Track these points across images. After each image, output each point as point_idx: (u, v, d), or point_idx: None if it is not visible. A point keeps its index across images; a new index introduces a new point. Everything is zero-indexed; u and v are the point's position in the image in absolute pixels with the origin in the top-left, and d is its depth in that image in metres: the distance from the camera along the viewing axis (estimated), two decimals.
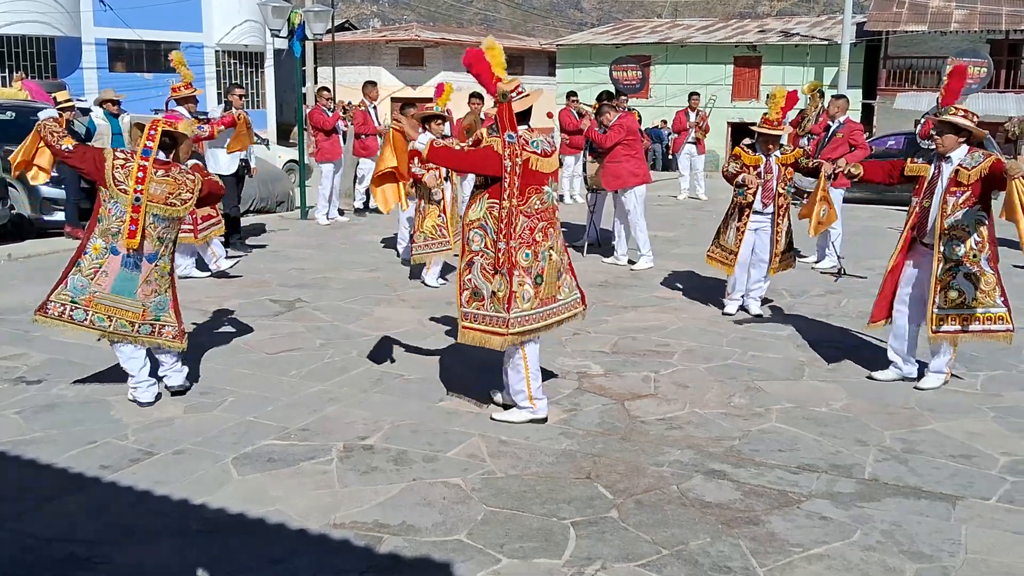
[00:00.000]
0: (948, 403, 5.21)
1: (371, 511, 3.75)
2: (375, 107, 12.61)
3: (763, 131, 6.82)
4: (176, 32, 27.01)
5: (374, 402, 5.08)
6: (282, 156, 17.18)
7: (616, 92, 12.06)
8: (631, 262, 9.31)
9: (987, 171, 5.04)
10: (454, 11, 65.24)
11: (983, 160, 5.10)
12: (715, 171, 9.75)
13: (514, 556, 3.41)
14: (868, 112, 26.88)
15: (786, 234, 6.99)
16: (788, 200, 6.96)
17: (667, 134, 22.31)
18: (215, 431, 4.59)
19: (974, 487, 4.07)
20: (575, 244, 9.77)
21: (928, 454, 4.45)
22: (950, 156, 5.22)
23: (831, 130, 9.29)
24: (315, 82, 26.87)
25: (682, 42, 30.48)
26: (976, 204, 5.17)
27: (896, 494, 3.99)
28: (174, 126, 4.92)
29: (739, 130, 25.84)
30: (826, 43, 28.38)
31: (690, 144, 15.58)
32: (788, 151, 6.95)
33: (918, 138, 10.92)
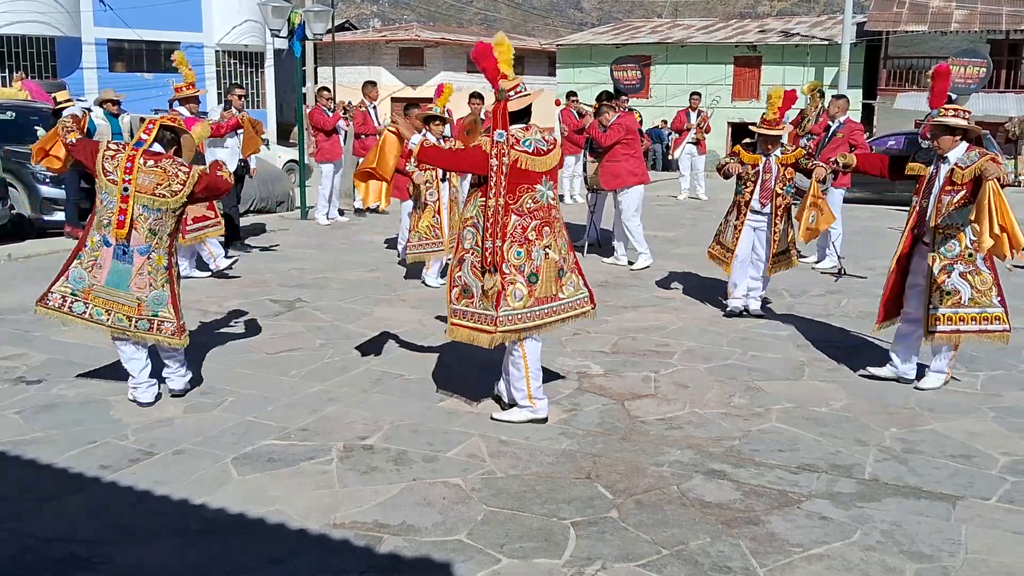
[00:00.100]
0: (948, 403, 5.21)
1: (371, 511, 3.75)
2: (375, 107, 12.63)
3: (761, 132, 6.83)
4: (176, 32, 27.01)
5: (374, 402, 5.09)
6: (282, 156, 17.18)
7: (617, 92, 12.07)
8: (631, 262, 9.31)
9: (979, 170, 5.05)
10: (454, 11, 65.25)
11: (977, 160, 5.11)
12: (715, 171, 9.72)
13: (514, 556, 3.41)
14: (868, 112, 26.90)
15: (784, 235, 6.99)
16: (787, 201, 6.95)
17: (667, 134, 22.31)
18: (215, 431, 4.59)
19: (974, 487, 4.07)
20: (575, 244, 9.74)
21: (928, 454, 4.45)
22: (947, 156, 5.24)
23: (831, 130, 9.29)
24: (315, 82, 26.87)
25: (682, 42, 30.49)
26: (971, 204, 5.18)
27: (896, 494, 3.99)
28: (178, 122, 4.96)
29: (739, 130, 25.86)
30: (826, 43, 28.39)
31: (690, 144, 15.60)
32: (789, 151, 6.95)
33: (919, 138, 10.93)
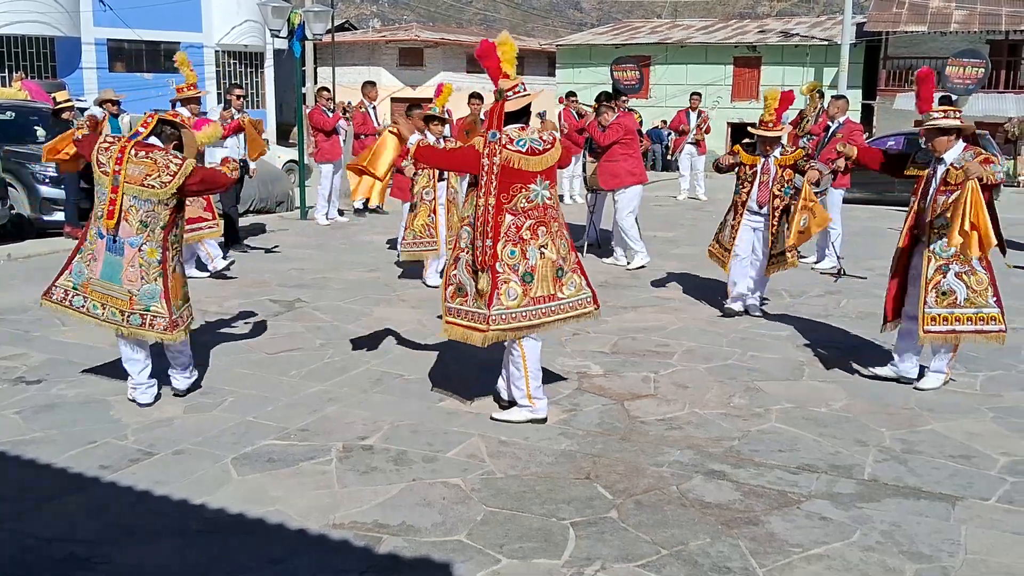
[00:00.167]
0: (948, 403, 5.21)
1: (371, 511, 3.75)
2: (374, 107, 12.64)
3: (760, 134, 6.84)
4: (176, 32, 27.02)
5: (374, 402, 5.09)
6: (282, 156, 17.17)
7: (616, 92, 12.07)
8: (629, 262, 9.30)
9: (965, 170, 5.07)
10: (454, 11, 65.27)
11: (972, 159, 5.12)
12: (715, 171, 9.71)
13: (514, 556, 3.41)
14: (868, 112, 26.92)
15: (781, 236, 6.98)
16: (785, 202, 6.93)
17: (667, 134, 22.33)
18: (215, 431, 4.59)
19: (973, 487, 4.08)
20: (575, 244, 9.75)
21: (928, 454, 4.46)
22: (943, 157, 5.24)
23: (831, 130, 9.29)
24: (315, 82, 26.85)
25: (682, 42, 30.51)
26: None
27: (896, 494, 3.99)
28: (182, 120, 5.01)
29: (739, 130, 25.86)
30: (826, 43, 28.41)
31: (690, 145, 15.61)
32: (789, 152, 6.95)
33: (919, 137, 10.94)
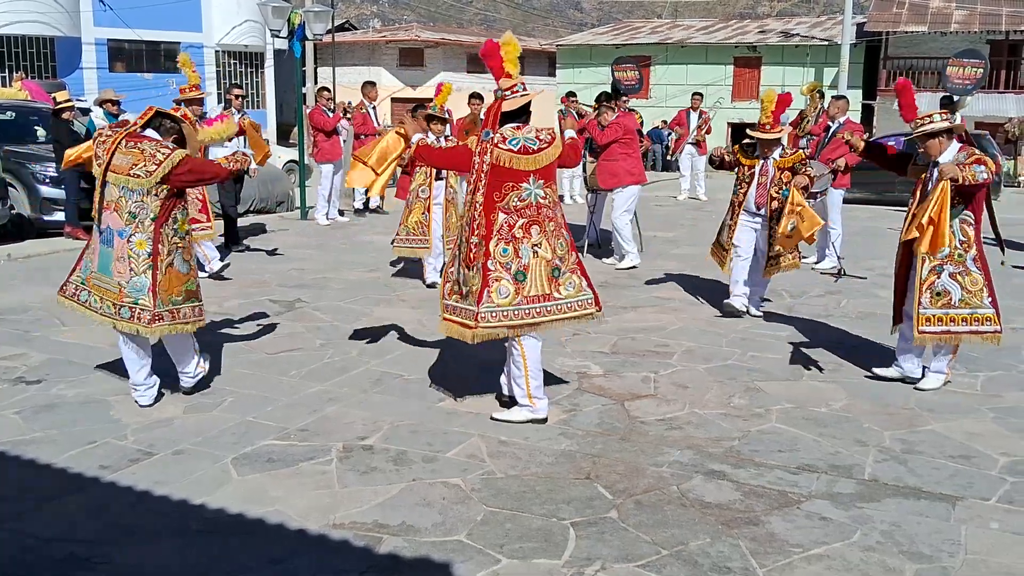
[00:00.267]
0: (948, 403, 5.21)
1: (371, 511, 3.75)
2: (374, 107, 12.64)
3: (759, 136, 6.83)
4: (176, 32, 27.03)
5: (374, 402, 5.09)
6: (282, 156, 17.17)
7: (617, 92, 12.06)
8: (620, 258, 9.28)
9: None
10: (454, 11, 65.28)
11: (965, 159, 5.12)
12: (715, 171, 9.72)
13: (514, 556, 3.41)
14: (868, 113, 26.91)
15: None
16: (783, 203, 6.92)
17: (667, 134, 22.33)
18: (215, 431, 4.59)
19: (974, 488, 4.07)
20: (575, 245, 9.74)
21: (928, 455, 4.45)
22: (938, 159, 5.24)
23: (831, 131, 9.29)
24: (315, 82, 26.86)
25: (682, 42, 30.51)
26: (960, 204, 5.19)
27: (896, 494, 3.99)
28: (186, 115, 5.03)
29: (739, 131, 25.86)
30: (826, 44, 28.41)
31: (691, 145, 15.61)
32: (789, 154, 6.94)
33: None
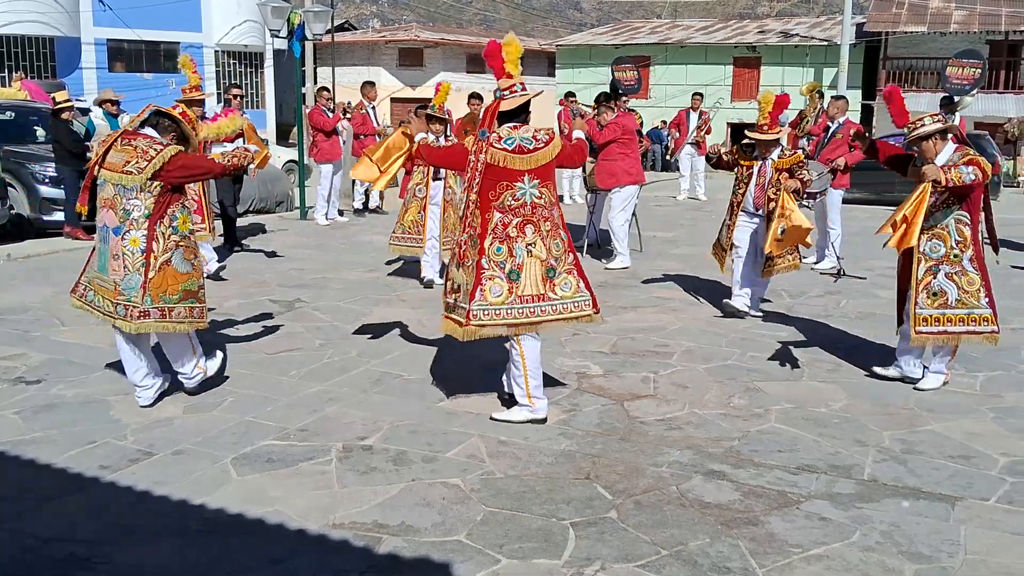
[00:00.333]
0: (947, 404, 5.21)
1: (370, 511, 3.75)
2: (374, 107, 12.64)
3: (757, 137, 6.84)
4: (175, 32, 27.01)
5: (373, 402, 5.09)
6: (281, 156, 17.17)
7: (616, 92, 12.06)
8: (613, 255, 9.27)
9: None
10: (454, 11, 65.30)
11: (958, 160, 5.13)
12: (715, 172, 9.72)
13: (513, 556, 3.41)
14: (868, 113, 26.91)
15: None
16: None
17: (666, 134, 22.33)
18: (214, 431, 4.59)
19: (973, 488, 4.08)
20: (575, 245, 9.75)
21: (927, 455, 4.46)
22: (934, 160, 5.25)
23: (830, 131, 9.29)
24: (315, 82, 26.84)
25: (682, 43, 30.52)
26: (955, 204, 5.20)
27: (895, 495, 3.99)
28: (184, 111, 5.03)
29: (739, 131, 25.87)
30: (825, 44, 28.41)
31: (690, 145, 15.62)
32: (787, 155, 6.93)
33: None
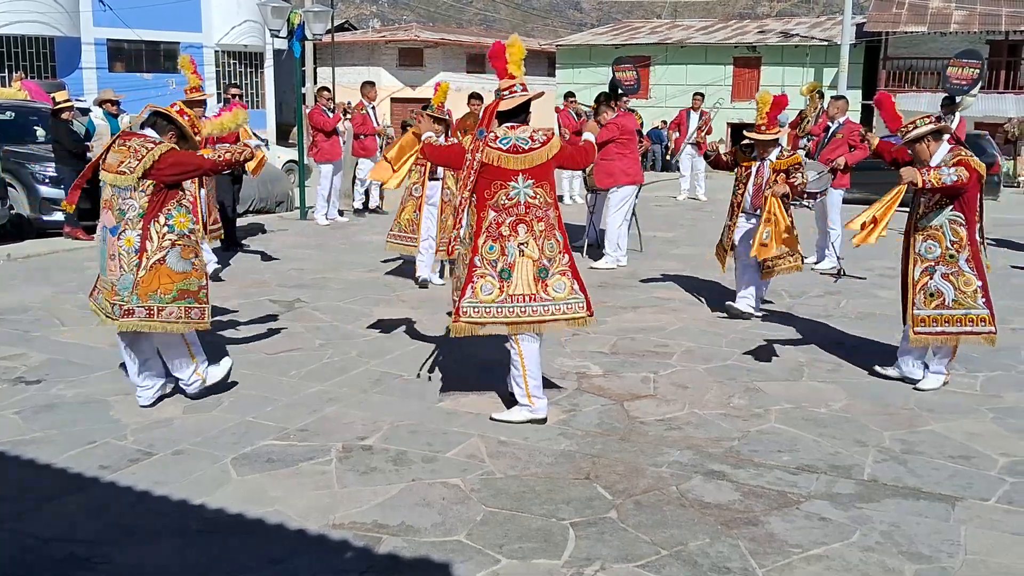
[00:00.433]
0: (947, 404, 5.21)
1: (370, 511, 3.75)
2: (374, 107, 12.65)
3: (756, 138, 6.84)
4: (175, 32, 27.00)
5: (373, 402, 5.09)
6: (281, 156, 17.16)
7: (615, 91, 12.05)
8: (603, 254, 9.27)
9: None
10: (454, 11, 65.30)
11: (949, 160, 5.13)
12: (715, 172, 9.72)
13: (513, 556, 3.41)
14: (868, 113, 26.89)
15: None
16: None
17: (667, 134, 22.33)
18: (214, 431, 4.59)
19: (973, 488, 4.08)
20: (575, 245, 9.74)
21: (927, 455, 4.46)
22: (930, 161, 5.25)
23: (830, 131, 9.28)
24: (315, 82, 26.84)
25: (682, 43, 30.53)
26: (947, 204, 5.20)
27: (895, 495, 4.00)
28: (194, 122, 5.05)
29: (739, 131, 25.87)
30: (826, 44, 28.42)
31: (691, 145, 15.61)
32: (786, 156, 6.92)
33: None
